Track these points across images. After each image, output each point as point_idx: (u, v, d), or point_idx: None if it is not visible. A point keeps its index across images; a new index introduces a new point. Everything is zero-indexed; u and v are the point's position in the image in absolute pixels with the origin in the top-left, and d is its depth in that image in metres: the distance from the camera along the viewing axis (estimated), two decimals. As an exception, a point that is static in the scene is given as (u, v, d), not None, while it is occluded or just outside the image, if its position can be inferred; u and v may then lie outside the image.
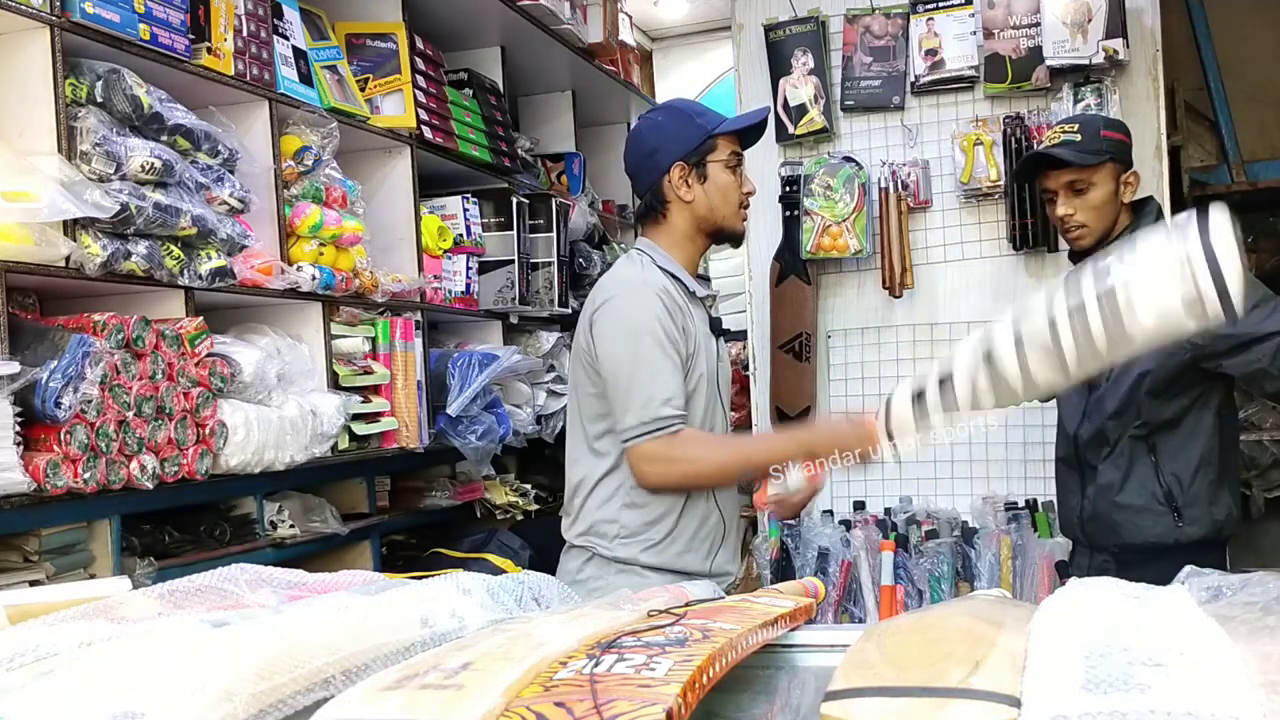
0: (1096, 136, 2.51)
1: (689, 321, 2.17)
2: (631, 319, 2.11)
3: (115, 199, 2.03)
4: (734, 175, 2.23)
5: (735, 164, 2.23)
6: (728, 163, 2.21)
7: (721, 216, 2.23)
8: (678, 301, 2.16)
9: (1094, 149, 2.49)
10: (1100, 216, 2.50)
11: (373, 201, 3.01)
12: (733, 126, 2.22)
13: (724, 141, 2.21)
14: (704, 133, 2.19)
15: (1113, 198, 2.52)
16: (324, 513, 2.77)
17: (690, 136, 2.20)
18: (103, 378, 2.00)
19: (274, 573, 1.21)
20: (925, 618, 0.99)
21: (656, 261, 2.21)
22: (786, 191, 3.90)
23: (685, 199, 2.20)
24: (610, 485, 2.16)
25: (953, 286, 3.81)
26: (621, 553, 2.14)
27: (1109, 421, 2.56)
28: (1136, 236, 1.44)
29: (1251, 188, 4.50)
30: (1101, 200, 2.50)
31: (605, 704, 0.75)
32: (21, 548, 2.04)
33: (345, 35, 3.04)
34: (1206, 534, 2.50)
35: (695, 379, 2.16)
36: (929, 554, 3.49)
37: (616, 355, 2.09)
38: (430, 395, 3.08)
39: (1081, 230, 2.52)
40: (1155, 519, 2.51)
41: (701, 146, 2.19)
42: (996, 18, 3.67)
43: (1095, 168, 2.48)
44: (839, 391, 3.93)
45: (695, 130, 2.20)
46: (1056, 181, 2.52)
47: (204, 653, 0.84)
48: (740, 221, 2.27)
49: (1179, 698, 0.67)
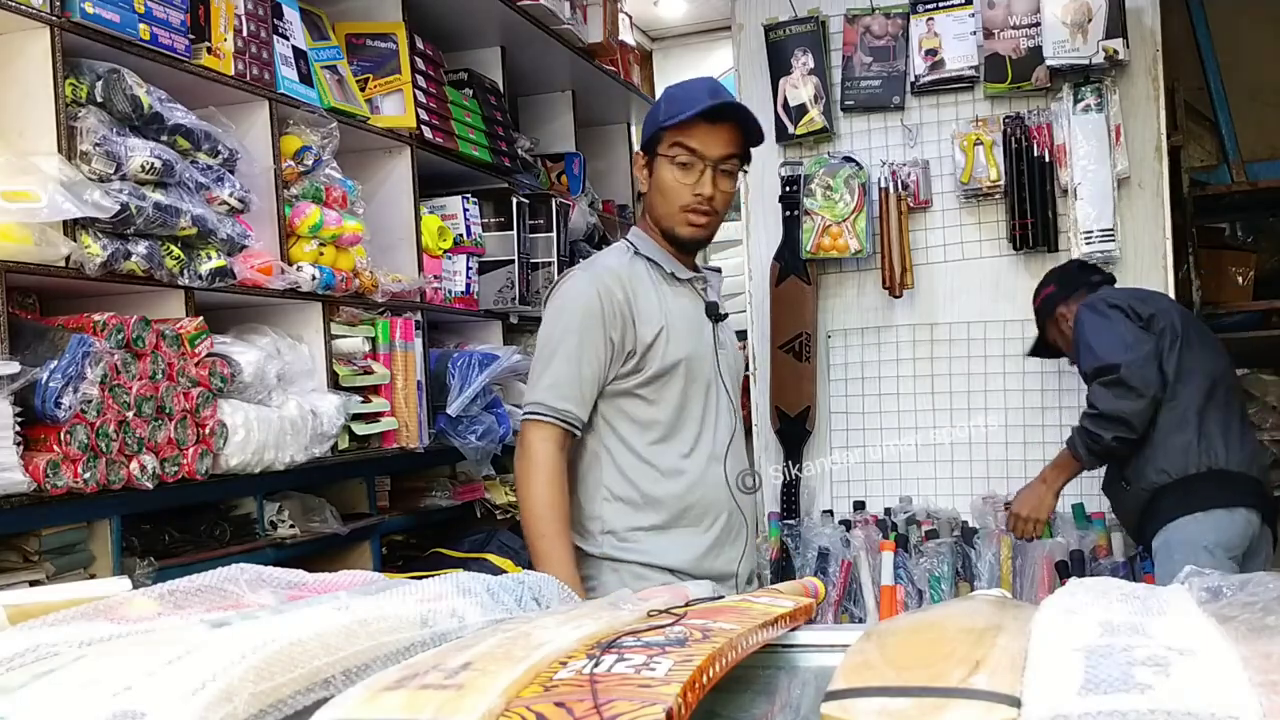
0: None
1: (654, 301, 2.05)
2: (559, 303, 2.05)
3: (115, 199, 2.03)
4: (680, 172, 2.03)
5: (685, 161, 2.02)
6: (673, 159, 2.02)
7: (659, 216, 2.09)
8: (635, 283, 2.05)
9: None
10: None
11: (373, 201, 3.01)
12: (675, 120, 2.01)
13: (670, 135, 2.02)
14: (656, 124, 2.05)
15: None
16: (324, 513, 2.77)
17: (649, 126, 2.09)
18: (103, 378, 2.00)
19: (274, 573, 1.21)
20: (925, 618, 0.99)
21: (638, 249, 2.11)
22: (786, 191, 3.90)
23: (642, 190, 2.13)
24: (591, 478, 2.09)
25: (953, 286, 3.82)
26: (609, 550, 2.06)
27: None
28: None
29: (1252, 188, 4.50)
30: None
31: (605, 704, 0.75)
32: (21, 548, 2.04)
33: (345, 35, 3.04)
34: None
35: (673, 358, 2.05)
36: (929, 554, 3.49)
37: (540, 340, 2.07)
38: (430, 395, 3.08)
39: None
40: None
41: (652, 138, 2.06)
42: (996, 18, 3.67)
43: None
44: (839, 391, 3.93)
45: (652, 119, 2.07)
46: None
47: (204, 653, 0.83)
48: (684, 226, 2.07)
49: (1179, 698, 0.67)
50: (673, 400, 2.06)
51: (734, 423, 2.15)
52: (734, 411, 2.16)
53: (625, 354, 2.04)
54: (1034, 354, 3.37)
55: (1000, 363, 3.74)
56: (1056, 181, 3.62)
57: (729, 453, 2.13)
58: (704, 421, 2.10)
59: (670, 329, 2.05)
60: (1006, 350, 3.72)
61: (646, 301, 2.05)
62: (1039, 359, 3.52)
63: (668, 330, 2.05)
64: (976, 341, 3.77)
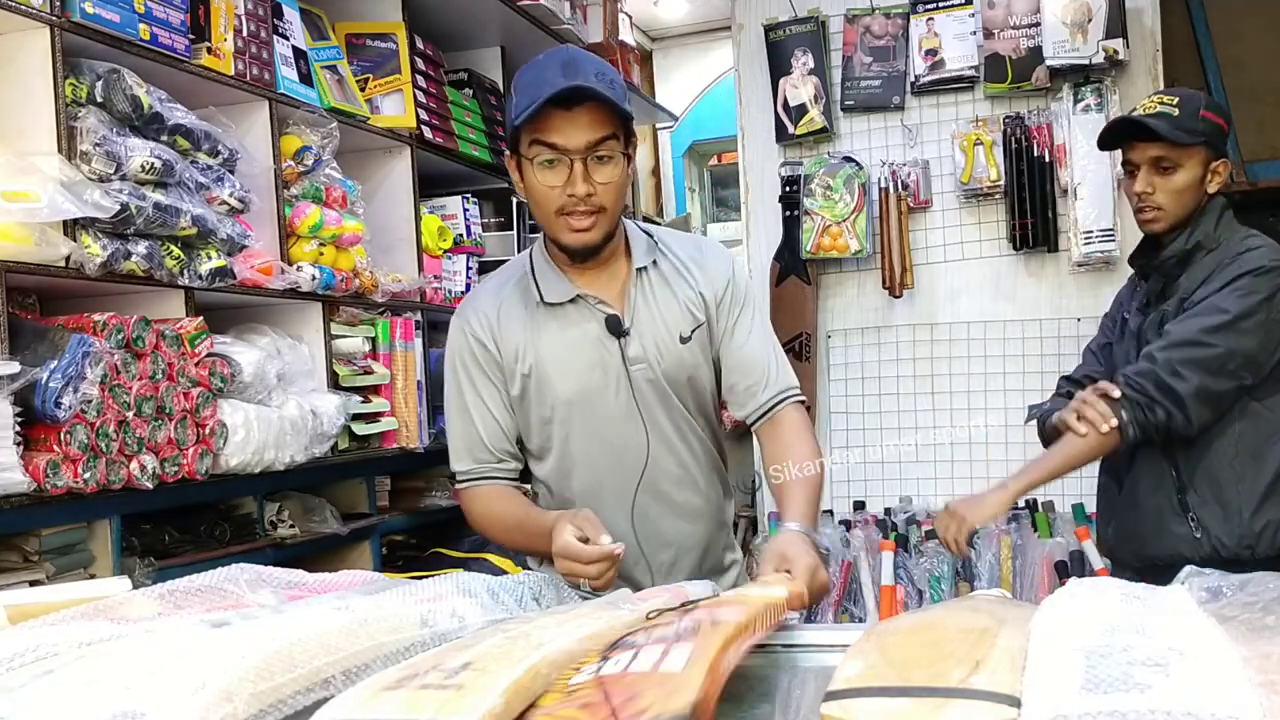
0: (1195, 115, 2.23)
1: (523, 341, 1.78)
2: (446, 358, 1.88)
3: (115, 199, 2.03)
4: (547, 173, 1.67)
5: (550, 158, 1.66)
6: (534, 159, 1.67)
7: (540, 223, 1.77)
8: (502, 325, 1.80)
9: (1190, 128, 2.21)
10: (1180, 202, 2.23)
11: (373, 201, 3.01)
12: (525, 115, 1.64)
13: (526, 131, 1.67)
14: (512, 121, 1.70)
15: (1198, 184, 2.24)
16: (324, 513, 2.77)
17: (509, 123, 1.74)
18: (103, 378, 2.00)
19: (274, 573, 1.21)
20: (925, 618, 0.99)
21: (531, 264, 1.83)
22: (786, 191, 3.91)
23: (522, 199, 1.88)
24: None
25: (953, 286, 3.82)
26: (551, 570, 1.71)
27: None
28: None
29: (1251, 188, 4.51)
30: (1185, 184, 2.23)
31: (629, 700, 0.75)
32: (21, 548, 2.04)
33: (345, 35, 3.04)
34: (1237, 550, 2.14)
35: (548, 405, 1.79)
36: (929, 554, 3.50)
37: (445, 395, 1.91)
38: (430, 395, 3.08)
39: (1157, 213, 2.25)
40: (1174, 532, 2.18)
41: (512, 138, 1.71)
42: (996, 18, 3.67)
43: (1187, 148, 2.21)
44: (839, 391, 3.94)
45: (511, 116, 1.71)
46: (1142, 155, 2.25)
47: (204, 653, 0.84)
48: (565, 231, 1.71)
49: (1179, 698, 0.67)
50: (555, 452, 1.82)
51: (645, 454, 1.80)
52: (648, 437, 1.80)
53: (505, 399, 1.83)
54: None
55: (1000, 363, 3.74)
56: (1056, 181, 3.62)
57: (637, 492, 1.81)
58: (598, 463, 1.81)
59: (541, 373, 1.78)
60: (1006, 350, 3.73)
61: (514, 345, 1.80)
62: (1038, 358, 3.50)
63: (537, 375, 1.79)
64: (976, 341, 3.78)
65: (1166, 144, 2.21)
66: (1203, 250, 2.24)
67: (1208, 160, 2.25)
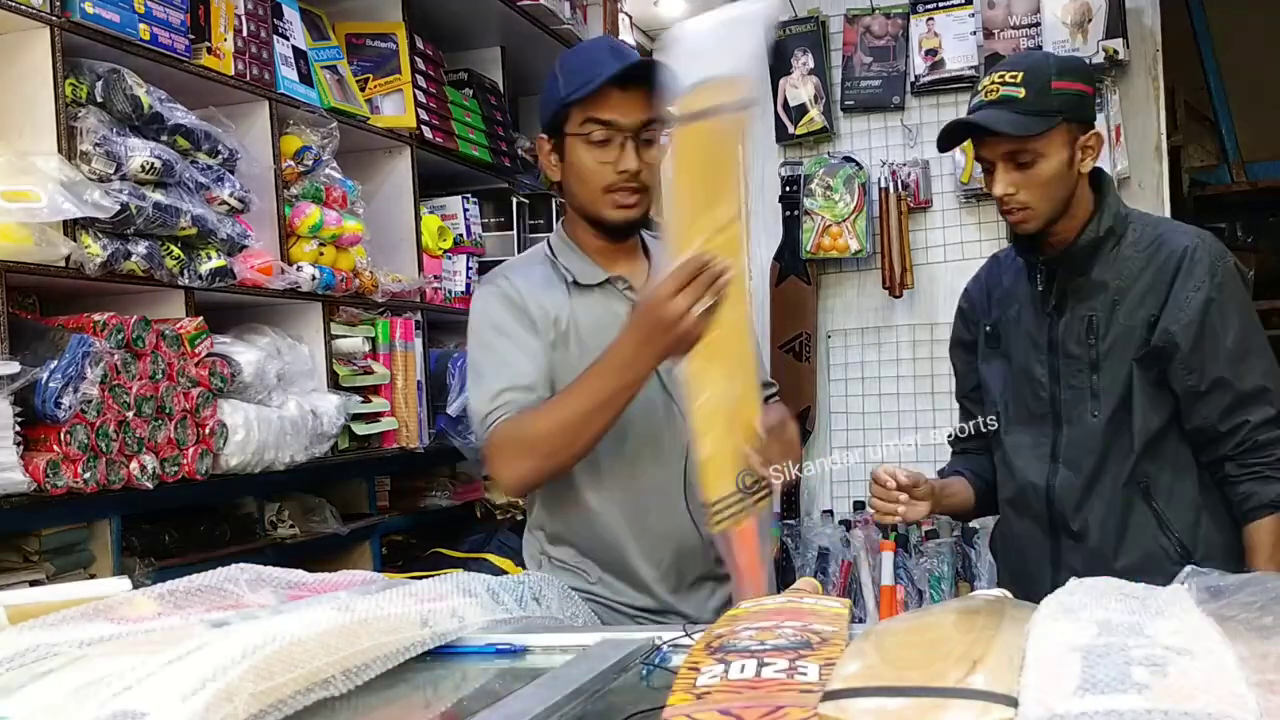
0: (1044, 91, 1.88)
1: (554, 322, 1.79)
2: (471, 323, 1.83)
3: (115, 199, 2.03)
4: (598, 150, 1.74)
5: (602, 137, 1.74)
6: (587, 136, 1.74)
7: (582, 204, 1.81)
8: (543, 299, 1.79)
9: (1041, 108, 1.87)
10: (1049, 195, 1.91)
11: (373, 201, 3.01)
12: (584, 92, 1.72)
13: (579, 109, 1.74)
14: (559, 100, 1.76)
15: (1065, 169, 1.91)
16: (324, 513, 2.77)
17: (549, 104, 1.80)
18: (103, 378, 2.01)
19: (274, 573, 1.21)
20: (924, 618, 0.99)
21: (552, 251, 1.86)
22: (786, 191, 3.91)
23: (554, 179, 1.85)
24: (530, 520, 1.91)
25: (953, 286, 3.80)
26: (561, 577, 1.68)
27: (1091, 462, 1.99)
28: None
29: (1251, 188, 4.51)
30: (1051, 175, 1.90)
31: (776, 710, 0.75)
32: (21, 548, 2.04)
33: (345, 35, 3.04)
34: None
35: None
36: (929, 554, 3.50)
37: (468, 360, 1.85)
38: (430, 395, 3.09)
39: (1025, 213, 1.92)
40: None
41: (557, 117, 1.78)
42: (996, 18, 3.67)
43: (1041, 135, 1.88)
44: (839, 391, 3.94)
45: (553, 96, 1.78)
46: (993, 151, 1.92)
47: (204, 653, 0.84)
48: (610, 208, 1.77)
49: (1176, 698, 0.67)
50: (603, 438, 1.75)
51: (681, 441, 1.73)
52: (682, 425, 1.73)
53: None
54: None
55: (1000, 363, 3.73)
56: (1056, 181, 3.62)
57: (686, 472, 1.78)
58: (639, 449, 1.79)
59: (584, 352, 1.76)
60: (1006, 350, 3.72)
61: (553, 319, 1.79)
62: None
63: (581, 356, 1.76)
64: (976, 341, 3.77)
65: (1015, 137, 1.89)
66: (1114, 235, 1.95)
67: (1072, 137, 1.91)
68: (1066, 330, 1.99)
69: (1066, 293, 1.99)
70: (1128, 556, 1.97)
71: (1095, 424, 1.97)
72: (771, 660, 0.85)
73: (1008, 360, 2.09)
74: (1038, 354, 2.03)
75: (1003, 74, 1.92)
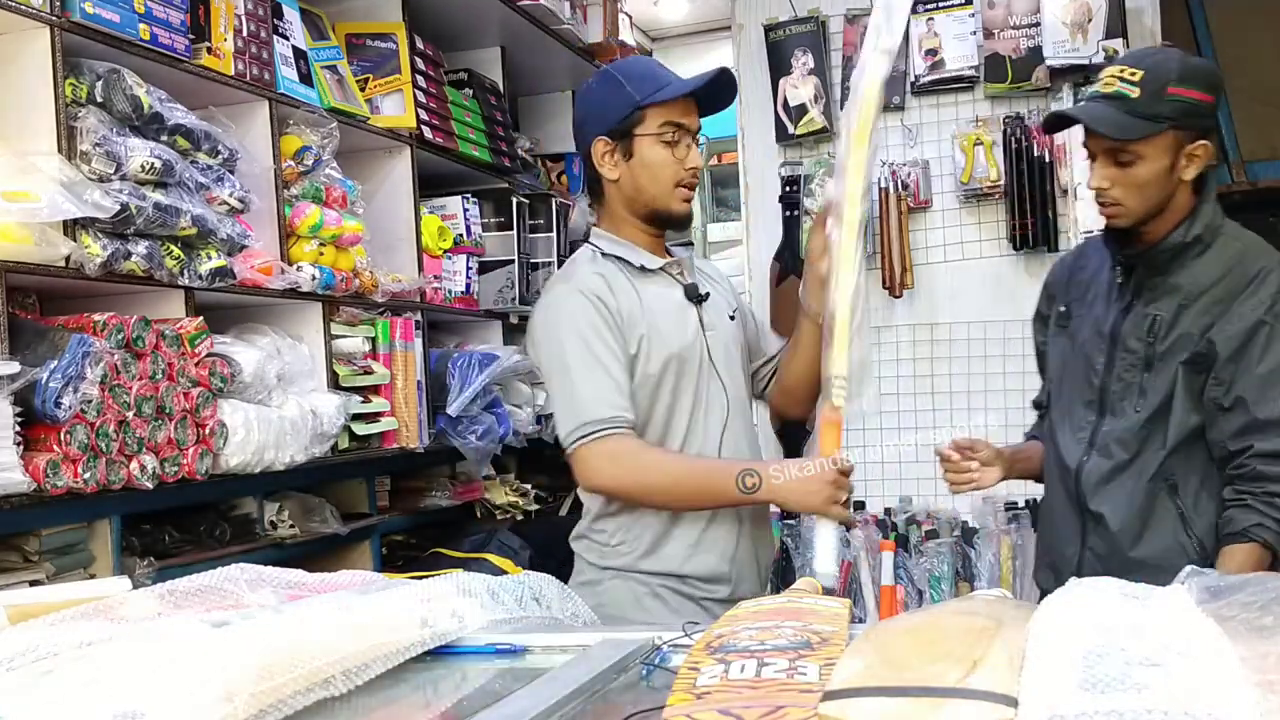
0: (1159, 95, 1.86)
1: (635, 302, 1.98)
2: (556, 324, 1.98)
3: (115, 199, 2.03)
4: (670, 150, 1.98)
5: (673, 138, 1.98)
6: (661, 136, 1.97)
7: (650, 198, 2.01)
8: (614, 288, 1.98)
9: (1150, 112, 1.86)
10: (1143, 196, 1.91)
11: (373, 201, 3.01)
12: (667, 95, 1.96)
13: (655, 113, 1.97)
14: (630, 104, 1.97)
15: (1165, 174, 1.90)
16: (324, 513, 2.77)
17: (615, 108, 1.98)
18: (103, 378, 2.00)
19: (274, 573, 1.21)
20: (924, 618, 0.99)
21: (603, 250, 2.04)
22: (786, 191, 3.91)
23: (611, 177, 2.02)
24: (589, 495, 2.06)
25: (953, 286, 3.82)
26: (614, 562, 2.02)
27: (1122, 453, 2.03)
28: None
29: (1251, 188, 4.50)
30: (1148, 177, 1.89)
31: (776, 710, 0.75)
32: (21, 548, 2.04)
33: (345, 35, 3.04)
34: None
35: (659, 361, 1.97)
36: (929, 554, 3.50)
37: (547, 366, 2.00)
38: (430, 395, 3.08)
39: (1116, 209, 1.94)
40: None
41: (627, 120, 1.97)
42: (996, 18, 3.67)
43: (1145, 139, 1.87)
44: (839, 391, 3.93)
45: (622, 101, 1.98)
46: (1097, 145, 1.94)
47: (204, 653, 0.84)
48: (678, 202, 2.02)
49: (1176, 698, 0.67)
50: (663, 404, 1.99)
51: (726, 409, 2.05)
52: (727, 395, 2.05)
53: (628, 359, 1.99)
54: None
55: (1000, 363, 3.74)
56: (1056, 181, 3.62)
57: (723, 442, 2.04)
58: (693, 415, 2.01)
59: (653, 330, 1.98)
60: (1006, 350, 3.72)
61: (629, 306, 1.98)
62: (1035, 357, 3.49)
63: (650, 333, 1.98)
64: (976, 341, 3.77)
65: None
66: (1200, 244, 1.97)
67: (1179, 145, 1.90)
68: (1131, 325, 2.02)
69: (1141, 289, 2.02)
70: (1147, 547, 2.00)
71: (1136, 419, 2.01)
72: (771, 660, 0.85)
73: (1071, 342, 2.14)
74: (1099, 342, 2.06)
75: (1123, 68, 1.92)
